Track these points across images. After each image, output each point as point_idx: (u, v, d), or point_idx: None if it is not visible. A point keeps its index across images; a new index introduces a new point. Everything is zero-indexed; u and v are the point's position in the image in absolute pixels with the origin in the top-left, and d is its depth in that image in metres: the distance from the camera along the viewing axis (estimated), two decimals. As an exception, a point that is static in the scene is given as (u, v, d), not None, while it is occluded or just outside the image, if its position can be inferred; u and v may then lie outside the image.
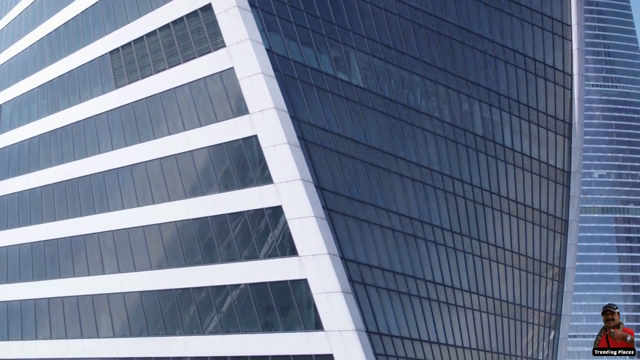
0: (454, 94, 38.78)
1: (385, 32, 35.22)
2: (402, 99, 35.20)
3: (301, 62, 29.83)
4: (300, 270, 26.43)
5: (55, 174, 37.07)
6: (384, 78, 34.50)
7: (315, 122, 28.98)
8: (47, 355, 34.35)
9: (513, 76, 41.94)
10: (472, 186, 38.67)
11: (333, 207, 27.72)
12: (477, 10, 40.97)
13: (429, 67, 37.22)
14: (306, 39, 30.77)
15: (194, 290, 29.32)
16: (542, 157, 43.43)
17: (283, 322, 26.81)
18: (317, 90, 30.05)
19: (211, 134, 29.13)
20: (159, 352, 30.13)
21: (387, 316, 28.54)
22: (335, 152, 29.51)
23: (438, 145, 36.84)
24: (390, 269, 30.19)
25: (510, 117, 41.88)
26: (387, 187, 32.29)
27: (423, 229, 34.41)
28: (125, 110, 33.28)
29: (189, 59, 30.27)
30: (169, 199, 30.71)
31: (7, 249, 38.83)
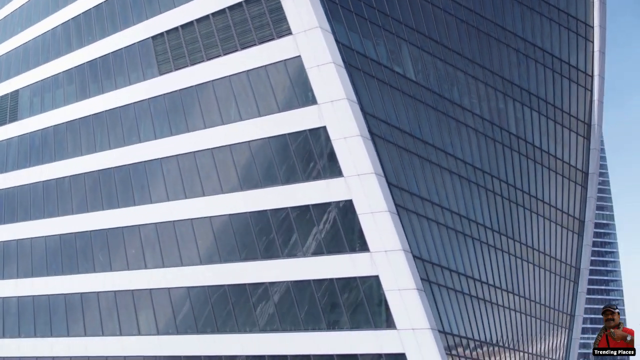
0: (492, 91, 38.82)
1: (432, 25, 35.02)
2: (448, 94, 35.06)
3: (362, 52, 29.36)
4: (371, 266, 25.92)
5: (86, 163, 35.67)
6: (432, 72, 34.27)
7: (378, 115, 28.54)
8: (81, 353, 33.01)
9: (542, 75, 42.24)
10: (508, 184, 38.84)
11: (399, 203, 27.29)
12: (512, 8, 41.09)
13: (470, 63, 37.19)
14: (365, 30, 30.31)
15: (250, 286, 28.52)
16: (565, 157, 43.94)
17: (350, 320, 26.26)
18: (378, 82, 29.62)
19: (272, 124, 28.38)
20: (209, 350, 29.24)
21: (449, 315, 28.27)
22: (396, 146, 29.12)
23: (479, 143, 36.85)
24: (447, 266, 29.97)
25: (539, 116, 42.19)
26: (440, 183, 32.08)
27: (470, 227, 34.36)
28: (171, 98, 32.21)
29: (247, 45, 29.44)
30: (222, 191, 29.83)
31: (30, 241, 37.23)
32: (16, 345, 35.75)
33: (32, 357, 34.86)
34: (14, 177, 39.84)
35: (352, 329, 26.28)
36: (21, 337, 35.83)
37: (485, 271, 34.68)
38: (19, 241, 37.87)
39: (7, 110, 42.59)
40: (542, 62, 42.88)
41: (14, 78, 42.81)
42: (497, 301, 35.41)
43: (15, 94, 42.32)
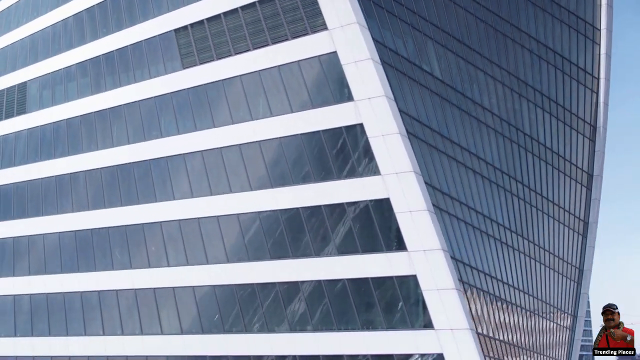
0: (508, 92, 39.04)
1: (454, 24, 35.09)
2: (469, 94, 35.16)
3: (394, 49, 29.22)
4: (408, 265, 25.78)
5: (103, 158, 34.98)
6: (455, 71, 34.31)
7: (410, 113, 28.43)
8: (100, 353, 32.34)
9: (553, 76, 42.61)
10: (522, 185, 39.12)
11: (433, 202, 27.19)
12: (526, 9, 41.33)
13: (489, 62, 37.34)
14: (395, 27, 30.20)
15: (280, 284, 28.20)
16: (573, 158, 44.44)
17: (386, 320, 26.09)
18: (408, 79, 29.51)
19: (305, 120, 28.09)
20: (236, 350, 28.85)
21: (481, 314, 28.27)
22: (427, 145, 29.05)
23: (497, 142, 37.04)
24: (475, 266, 29.98)
25: (550, 117, 42.57)
26: (466, 183, 32.14)
27: (492, 227, 34.50)
28: (195, 92, 31.73)
29: (279, 40, 29.11)
30: (250, 188, 29.45)
31: (43, 237, 36.38)
32: (30, 344, 34.91)
33: (47, 356, 34.07)
34: (23, 171, 38.94)
35: (388, 328, 26.12)
36: (34, 336, 35.00)
37: (506, 271, 34.85)
38: (30, 237, 36.99)
39: (14, 103, 41.62)
40: (554, 63, 43.23)
41: (20, 70, 41.85)
42: (511, 300, 35.68)
43: (22, 86, 41.37)
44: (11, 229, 38.06)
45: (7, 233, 38.15)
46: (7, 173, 39.86)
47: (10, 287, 36.75)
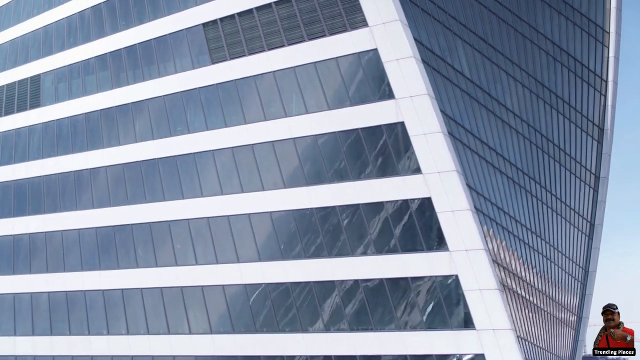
0: (527, 92, 39.34)
1: (479, 24, 35.25)
2: (494, 94, 35.32)
3: (430, 47, 29.23)
4: (450, 265, 25.80)
5: (125, 153, 34.52)
6: (482, 71, 34.45)
7: (447, 111, 28.45)
8: (124, 352, 31.87)
9: (566, 78, 43.03)
10: (540, 186, 39.43)
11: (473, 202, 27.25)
12: (542, 10, 41.65)
13: (510, 63, 37.59)
14: (429, 25, 30.22)
15: (315, 284, 28.04)
16: (583, 160, 44.97)
17: (426, 320, 26.06)
18: (443, 78, 29.54)
19: (343, 118, 27.99)
20: (269, 350, 28.64)
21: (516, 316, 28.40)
22: (462, 144, 29.10)
23: (519, 143, 37.30)
24: (507, 267, 30.11)
25: (564, 119, 43.00)
26: (494, 183, 32.31)
27: (518, 229, 34.73)
28: (225, 87, 31.42)
29: (316, 36, 28.96)
30: (284, 185, 29.26)
31: (61, 233, 35.76)
32: (49, 344, 34.30)
33: (67, 356, 33.49)
34: (38, 165, 38.27)
35: (428, 328, 26.10)
36: (54, 335, 34.38)
37: (526, 270, 35.11)
38: (47, 233, 36.34)
39: (27, 96, 40.87)
40: (567, 65, 43.64)
41: (33, 62, 41.16)
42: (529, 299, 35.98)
43: (36, 79, 40.66)
44: (27, 225, 37.36)
45: (23, 229, 37.46)
46: (21, 167, 39.15)
47: (27, 285, 36.08)
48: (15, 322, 36.00)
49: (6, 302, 36.68)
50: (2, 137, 41.04)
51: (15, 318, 36.07)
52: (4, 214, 38.94)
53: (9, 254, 37.64)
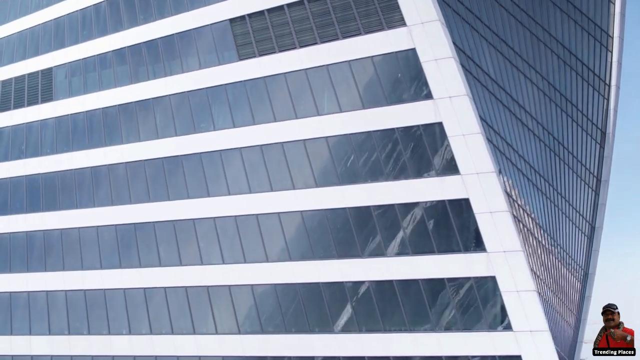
0: (541, 95, 39.92)
1: (500, 26, 35.69)
2: (515, 96, 35.78)
3: (462, 48, 29.53)
4: (487, 266, 26.12)
5: (146, 149, 34.32)
6: (504, 72, 34.89)
7: (479, 112, 28.76)
8: (148, 352, 31.68)
9: (574, 81, 43.73)
10: (554, 189, 40.06)
11: (506, 203, 27.60)
12: (554, 13, 42.28)
13: (527, 65, 38.08)
14: (459, 25, 30.52)
15: (348, 284, 28.18)
16: (588, 163, 45.78)
17: (462, 321, 26.39)
18: (473, 79, 29.87)
19: (378, 117, 28.20)
20: (299, 350, 28.71)
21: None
22: (493, 145, 29.45)
23: (536, 146, 37.85)
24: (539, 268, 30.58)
25: (571, 122, 43.70)
26: (517, 185, 32.80)
27: (540, 233, 35.26)
28: (254, 84, 31.38)
29: (350, 35, 29.10)
30: (316, 184, 29.35)
31: (78, 230, 35.38)
32: (67, 343, 33.91)
33: (87, 356, 33.17)
34: (53, 161, 37.83)
35: (464, 330, 26.40)
36: (72, 335, 34.01)
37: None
38: (64, 230, 35.93)
39: (38, 89, 40.36)
40: (575, 68, 44.37)
41: (44, 55, 40.67)
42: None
43: (47, 72, 40.17)
44: (41, 222, 36.89)
45: (37, 225, 37.00)
46: (34, 162, 38.66)
47: (42, 283, 35.66)
48: (30, 321, 35.56)
49: (20, 300, 36.22)
50: (12, 131, 40.50)
51: (31, 317, 35.63)
52: (16, 209, 38.44)
53: (22, 251, 37.17)
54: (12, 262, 37.50)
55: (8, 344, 36.00)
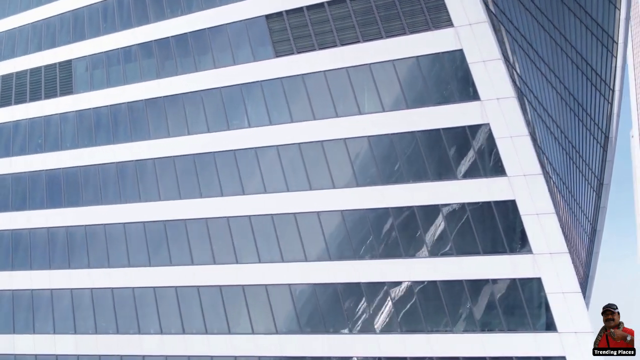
0: (559, 99, 40.90)
1: (526, 28, 36.48)
2: (540, 99, 36.64)
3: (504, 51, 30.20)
4: (532, 268, 26.85)
5: (176, 145, 34.58)
6: (531, 75, 35.71)
7: (521, 114, 29.49)
8: (180, 352, 31.89)
9: (583, 86, 44.80)
10: (566, 188, 41.08)
11: (548, 205, 28.38)
12: (569, 18, 43.27)
13: (548, 69, 38.99)
14: (497, 27, 31.16)
15: (390, 284, 28.75)
16: (592, 166, 47.11)
17: (506, 322, 27.09)
18: (511, 81, 30.56)
19: (423, 117, 28.83)
20: (340, 351, 29.20)
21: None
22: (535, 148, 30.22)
23: (555, 150, 38.80)
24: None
25: (582, 126, 44.83)
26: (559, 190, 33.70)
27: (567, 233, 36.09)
28: (291, 82, 31.78)
29: (394, 34, 29.64)
30: (357, 184, 29.88)
31: (104, 227, 35.42)
32: (94, 343, 33.91)
33: (116, 355, 33.23)
34: (74, 155, 37.87)
35: (508, 330, 27.09)
36: (99, 334, 34.04)
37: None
38: (88, 227, 35.90)
39: (56, 82, 40.23)
40: (584, 72, 45.47)
41: (62, 47, 40.57)
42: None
43: (66, 65, 40.06)
44: (63, 218, 36.84)
45: (59, 222, 36.94)
46: (53, 157, 38.57)
47: (66, 281, 35.63)
48: (54, 320, 35.48)
49: (43, 298, 36.14)
50: (29, 124, 40.27)
51: (55, 315, 35.54)
52: (36, 204, 38.29)
53: (43, 247, 37.07)
54: (33, 259, 37.38)
55: (31, 343, 35.91)
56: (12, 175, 39.96)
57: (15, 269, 38.19)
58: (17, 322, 36.90)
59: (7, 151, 41.10)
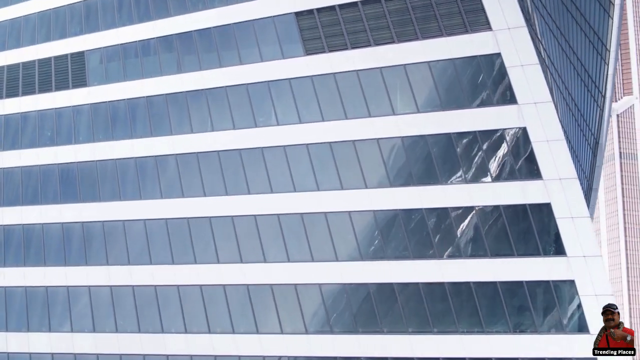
0: (568, 96, 42.43)
1: (544, 30, 37.80)
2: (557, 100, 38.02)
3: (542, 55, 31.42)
4: (567, 270, 28.12)
5: (200, 141, 35.35)
6: (567, 76, 36.96)
7: (553, 118, 30.73)
8: (207, 352, 32.51)
9: (585, 94, 46.44)
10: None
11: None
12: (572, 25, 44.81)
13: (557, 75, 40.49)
14: (535, 31, 32.38)
15: (423, 285, 29.77)
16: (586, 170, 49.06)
17: (539, 323, 28.30)
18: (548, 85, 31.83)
19: (458, 119, 29.99)
20: (371, 351, 30.12)
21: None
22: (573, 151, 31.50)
23: (586, 154, 40.31)
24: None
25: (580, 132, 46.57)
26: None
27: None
28: (322, 80, 32.68)
29: (430, 35, 30.67)
30: (390, 184, 30.89)
31: (123, 223, 35.83)
32: (115, 341, 34.27)
33: (139, 354, 33.71)
34: (90, 150, 38.20)
35: (541, 332, 28.33)
36: (120, 333, 34.40)
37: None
38: (106, 223, 36.21)
39: (68, 73, 40.41)
40: (583, 78, 47.12)
41: (74, 38, 40.78)
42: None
43: (77, 56, 40.30)
44: (79, 213, 37.12)
45: (74, 217, 37.23)
46: (67, 150, 38.84)
47: (84, 278, 35.94)
48: (71, 318, 35.68)
49: (59, 295, 36.40)
50: (39, 116, 40.32)
51: (72, 313, 35.78)
52: (49, 199, 38.43)
53: (58, 243, 37.29)
54: (47, 255, 37.51)
55: (47, 341, 36.10)
56: (22, 168, 39.96)
57: (28, 265, 38.25)
58: (31, 319, 37.05)
59: (15, 143, 41.06)
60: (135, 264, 35.40)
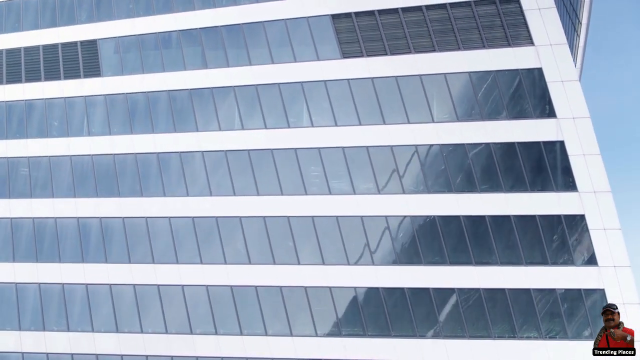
0: None
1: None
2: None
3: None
4: (597, 280, 31.27)
5: (229, 139, 37.07)
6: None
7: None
8: (238, 354, 34.54)
9: None
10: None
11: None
12: None
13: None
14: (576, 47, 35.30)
15: (459, 290, 32.39)
16: None
17: (570, 330, 31.36)
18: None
19: (498, 130, 32.94)
20: (410, 355, 32.53)
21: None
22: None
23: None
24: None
25: None
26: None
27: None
28: (360, 84, 34.82)
29: (472, 46, 33.19)
30: (427, 190, 33.23)
31: (145, 220, 37.15)
32: (141, 342, 35.54)
33: (166, 356, 35.07)
34: (106, 142, 39.27)
35: (573, 338, 31.44)
36: (145, 333, 35.66)
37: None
38: (127, 219, 37.27)
39: (78, 62, 41.15)
40: None
41: (84, 25, 41.58)
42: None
43: (89, 45, 41.10)
44: (96, 208, 38.16)
45: (90, 212, 38.23)
46: (81, 142, 39.69)
47: (104, 276, 37.01)
48: (92, 317, 36.68)
49: (77, 293, 37.38)
50: (47, 105, 40.73)
51: (92, 312, 36.72)
52: (62, 192, 39.15)
53: (74, 239, 38.13)
54: (62, 251, 38.23)
55: (66, 341, 36.98)
56: (29, 158, 40.31)
57: (41, 260, 38.81)
58: (47, 318, 37.79)
59: (21, 132, 41.24)
60: (160, 263, 36.68)
